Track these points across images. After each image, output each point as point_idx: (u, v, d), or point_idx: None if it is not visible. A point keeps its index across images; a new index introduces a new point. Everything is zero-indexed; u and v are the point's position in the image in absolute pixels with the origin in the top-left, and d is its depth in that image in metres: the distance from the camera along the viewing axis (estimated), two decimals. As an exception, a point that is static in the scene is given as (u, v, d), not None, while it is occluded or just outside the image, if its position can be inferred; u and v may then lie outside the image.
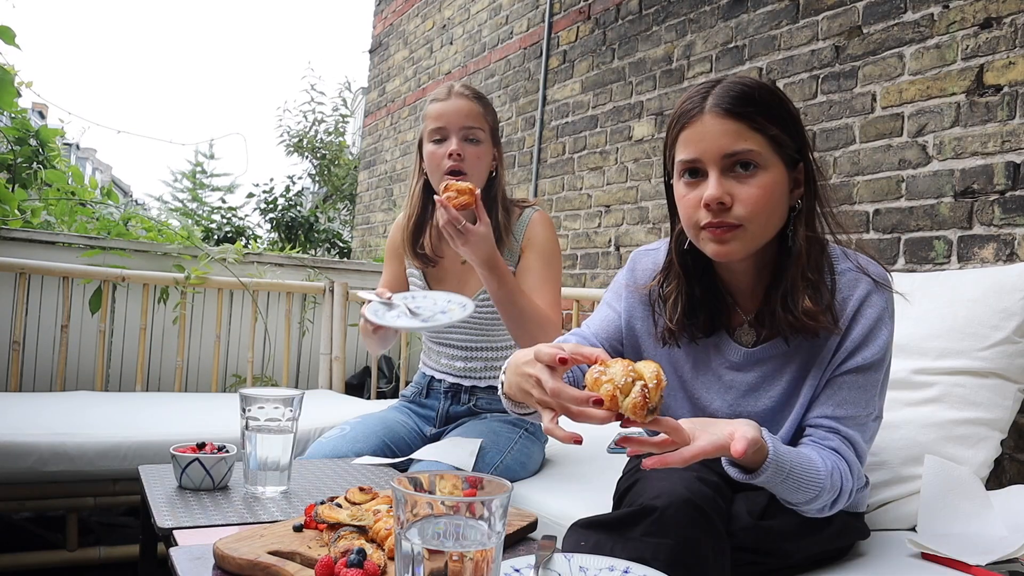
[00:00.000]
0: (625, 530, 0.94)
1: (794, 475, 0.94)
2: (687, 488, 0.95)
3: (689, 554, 0.91)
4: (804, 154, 1.03)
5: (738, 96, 0.98)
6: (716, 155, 0.98)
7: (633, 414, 0.81)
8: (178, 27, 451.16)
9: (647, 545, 0.91)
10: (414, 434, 1.67)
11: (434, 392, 1.72)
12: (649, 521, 0.92)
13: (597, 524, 0.98)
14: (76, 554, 1.92)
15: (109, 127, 18.63)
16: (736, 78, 1.02)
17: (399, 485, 0.67)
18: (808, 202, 1.03)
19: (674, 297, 1.10)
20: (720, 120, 0.98)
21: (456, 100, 1.57)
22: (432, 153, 1.57)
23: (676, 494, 0.94)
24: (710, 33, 2.60)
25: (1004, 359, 1.32)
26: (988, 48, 1.76)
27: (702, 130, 0.99)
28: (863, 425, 1.03)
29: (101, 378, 2.60)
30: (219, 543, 0.92)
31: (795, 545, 1.04)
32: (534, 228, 1.63)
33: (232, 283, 2.85)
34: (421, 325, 1.46)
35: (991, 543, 1.12)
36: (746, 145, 0.97)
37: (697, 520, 0.93)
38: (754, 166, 0.98)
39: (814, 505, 0.98)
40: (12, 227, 2.79)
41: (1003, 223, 1.70)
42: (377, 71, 5.77)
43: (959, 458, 1.30)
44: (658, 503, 0.93)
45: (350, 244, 7.22)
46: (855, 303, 1.02)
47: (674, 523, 0.91)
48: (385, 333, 1.61)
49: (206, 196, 13.89)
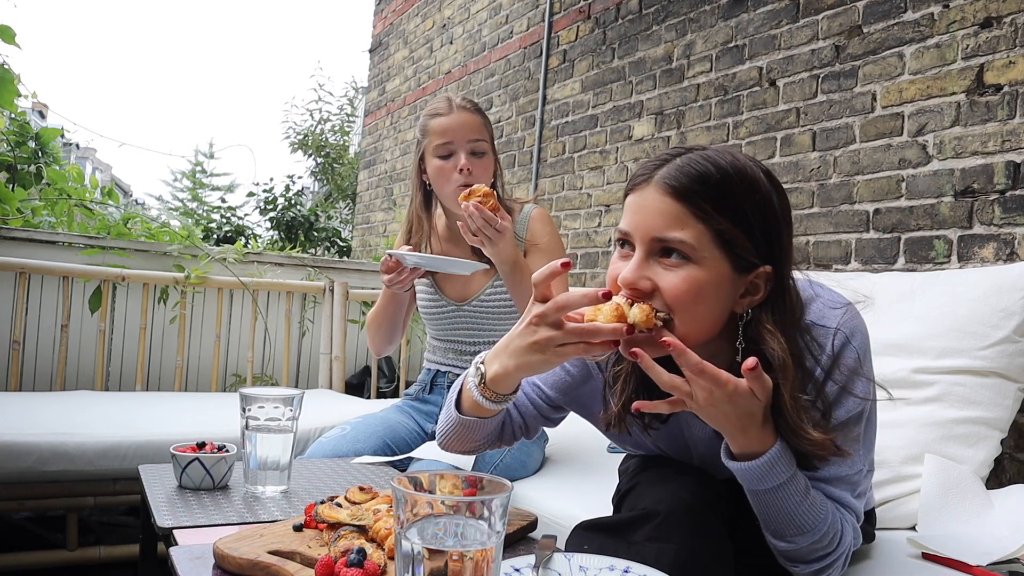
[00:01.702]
0: (628, 534, 0.94)
1: (797, 483, 0.86)
2: (690, 493, 0.94)
3: (692, 559, 0.90)
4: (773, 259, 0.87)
5: (693, 176, 0.84)
6: (646, 234, 0.86)
7: (644, 322, 0.83)
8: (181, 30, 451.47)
9: (650, 550, 0.90)
10: (415, 434, 1.68)
11: (438, 387, 1.74)
12: (652, 526, 0.92)
13: (600, 527, 0.98)
14: (76, 554, 1.92)
15: (112, 138, 18.65)
16: (709, 153, 0.87)
17: (399, 485, 0.67)
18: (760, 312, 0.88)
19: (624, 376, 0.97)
20: (661, 197, 0.85)
21: (460, 114, 1.59)
22: (440, 168, 1.59)
23: (678, 499, 0.93)
24: (710, 32, 2.60)
25: (1004, 358, 1.32)
26: (988, 48, 1.76)
27: (642, 202, 0.87)
28: (854, 484, 0.93)
29: (101, 378, 2.60)
30: (219, 543, 0.92)
31: None
32: (535, 225, 1.66)
33: (232, 283, 2.85)
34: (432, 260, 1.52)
35: (991, 543, 1.12)
36: (678, 234, 0.84)
37: (699, 525, 0.92)
38: (682, 256, 0.85)
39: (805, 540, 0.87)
40: (12, 227, 2.79)
41: (1003, 222, 1.70)
42: (377, 71, 5.77)
43: (959, 457, 1.30)
44: (661, 508, 0.92)
45: (350, 243, 7.22)
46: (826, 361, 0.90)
47: (677, 528, 0.91)
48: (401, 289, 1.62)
49: (206, 196, 13.88)
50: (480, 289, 1.67)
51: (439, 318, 1.73)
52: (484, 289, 1.66)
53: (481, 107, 1.66)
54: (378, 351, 1.79)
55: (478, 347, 1.70)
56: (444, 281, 1.71)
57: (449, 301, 1.70)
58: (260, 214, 8.28)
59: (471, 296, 1.68)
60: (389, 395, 3.23)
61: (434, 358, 1.78)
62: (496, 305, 1.66)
